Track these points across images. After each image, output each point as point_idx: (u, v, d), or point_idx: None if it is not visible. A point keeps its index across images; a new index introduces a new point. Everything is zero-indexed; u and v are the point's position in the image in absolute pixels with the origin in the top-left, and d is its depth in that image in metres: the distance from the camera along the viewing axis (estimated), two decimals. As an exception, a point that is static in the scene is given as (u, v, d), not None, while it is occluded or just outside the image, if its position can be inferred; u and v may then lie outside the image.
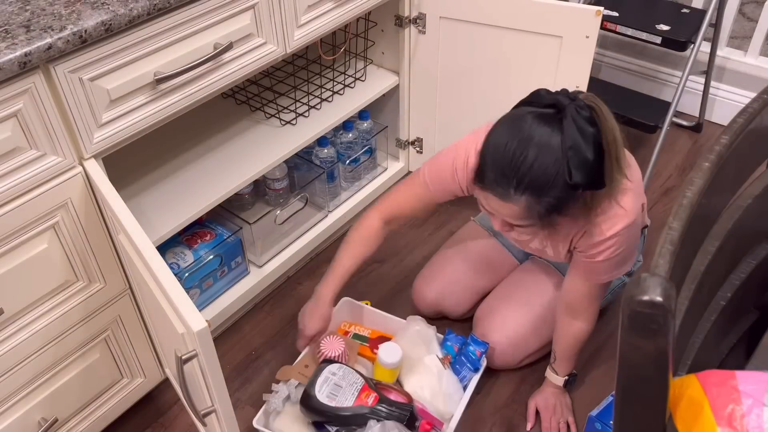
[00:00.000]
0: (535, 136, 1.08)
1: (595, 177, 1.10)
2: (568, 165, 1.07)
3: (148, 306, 1.26)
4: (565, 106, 1.08)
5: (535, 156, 1.08)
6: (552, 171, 1.08)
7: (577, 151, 1.07)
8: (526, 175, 1.09)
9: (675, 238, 0.63)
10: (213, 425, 1.13)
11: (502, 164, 1.10)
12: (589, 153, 1.07)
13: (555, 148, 1.08)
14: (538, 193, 1.10)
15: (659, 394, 0.62)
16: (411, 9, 1.71)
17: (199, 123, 1.67)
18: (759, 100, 0.77)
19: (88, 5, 1.06)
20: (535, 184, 1.09)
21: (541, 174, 1.09)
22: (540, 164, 1.08)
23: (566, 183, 1.08)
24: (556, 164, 1.08)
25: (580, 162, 1.07)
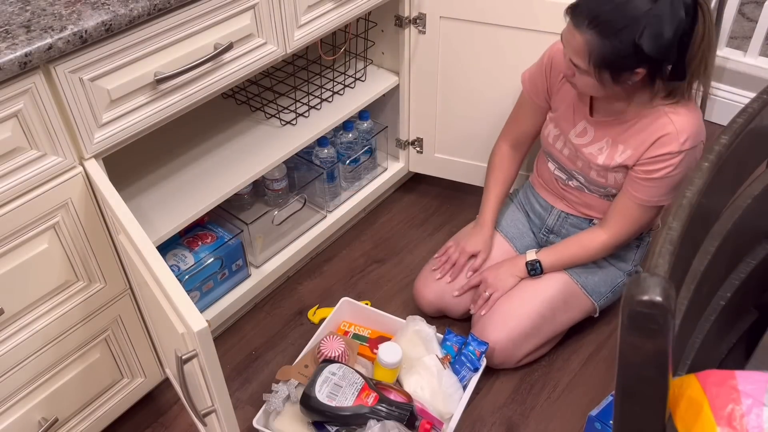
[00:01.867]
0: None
1: (664, 56, 1.18)
2: (643, 28, 1.16)
3: (149, 306, 1.26)
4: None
5: (616, 5, 1.17)
6: (628, 22, 1.17)
7: (658, 20, 1.15)
8: (605, 13, 1.18)
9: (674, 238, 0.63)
10: (213, 425, 1.13)
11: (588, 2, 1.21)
12: (669, 30, 1.16)
13: (640, 7, 1.16)
14: (606, 34, 1.19)
15: (659, 394, 0.62)
16: (411, 9, 1.71)
17: (199, 123, 1.67)
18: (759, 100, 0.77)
19: (88, 5, 1.06)
20: (606, 25, 1.19)
21: (617, 18, 1.18)
22: (622, 10, 1.17)
23: (633, 42, 1.17)
24: (632, 19, 1.16)
25: (656, 32, 1.16)
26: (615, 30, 1.18)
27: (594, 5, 1.20)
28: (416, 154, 1.99)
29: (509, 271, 1.57)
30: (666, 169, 1.34)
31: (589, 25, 1.20)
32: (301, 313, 1.76)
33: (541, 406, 1.55)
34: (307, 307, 1.76)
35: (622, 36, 1.18)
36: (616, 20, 1.18)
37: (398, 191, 2.13)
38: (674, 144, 1.31)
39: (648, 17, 1.16)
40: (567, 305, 1.55)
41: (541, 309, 1.54)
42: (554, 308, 1.55)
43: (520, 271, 1.56)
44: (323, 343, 1.49)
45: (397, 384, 1.49)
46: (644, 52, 1.17)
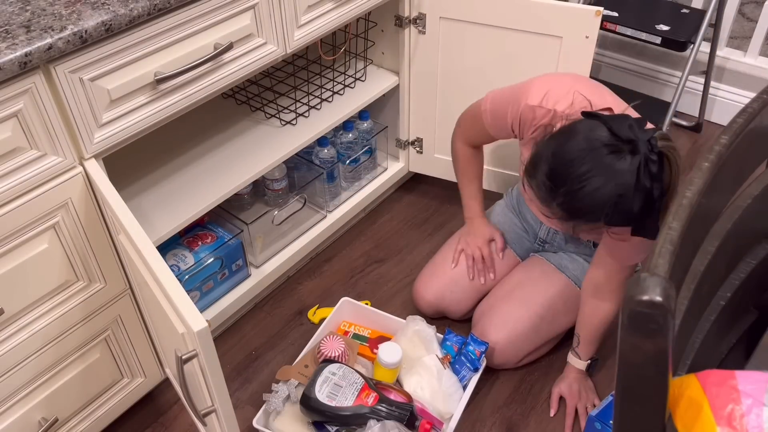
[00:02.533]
0: (595, 176, 1.08)
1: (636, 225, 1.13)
2: (610, 209, 1.09)
3: (149, 306, 1.26)
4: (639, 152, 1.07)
5: (590, 190, 1.09)
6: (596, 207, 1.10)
7: (625, 200, 1.08)
8: (571, 203, 1.11)
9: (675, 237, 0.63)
10: (213, 425, 1.13)
11: (558, 179, 1.11)
12: (636, 206, 1.09)
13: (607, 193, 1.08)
14: (575, 217, 1.14)
15: (659, 394, 0.62)
16: (411, 9, 1.72)
17: (199, 123, 1.67)
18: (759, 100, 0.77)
19: (88, 5, 1.06)
20: (577, 212, 1.12)
21: (584, 208, 1.11)
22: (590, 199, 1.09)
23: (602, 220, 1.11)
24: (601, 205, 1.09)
25: (624, 210, 1.09)
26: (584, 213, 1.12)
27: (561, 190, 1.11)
28: (416, 154, 1.99)
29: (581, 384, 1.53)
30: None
31: (559, 204, 1.13)
32: (301, 313, 1.76)
33: (541, 406, 1.55)
34: (307, 307, 1.76)
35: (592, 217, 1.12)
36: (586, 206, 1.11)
37: (398, 191, 2.13)
38: None
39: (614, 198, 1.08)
40: (566, 306, 1.55)
41: (541, 310, 1.54)
42: (554, 310, 1.55)
43: (584, 375, 1.54)
44: (323, 343, 1.49)
45: (397, 384, 1.49)
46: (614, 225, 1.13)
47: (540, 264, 1.61)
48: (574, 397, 1.51)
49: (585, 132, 1.12)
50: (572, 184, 1.10)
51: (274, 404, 1.41)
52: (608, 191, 1.08)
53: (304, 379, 1.45)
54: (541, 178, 1.14)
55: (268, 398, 1.43)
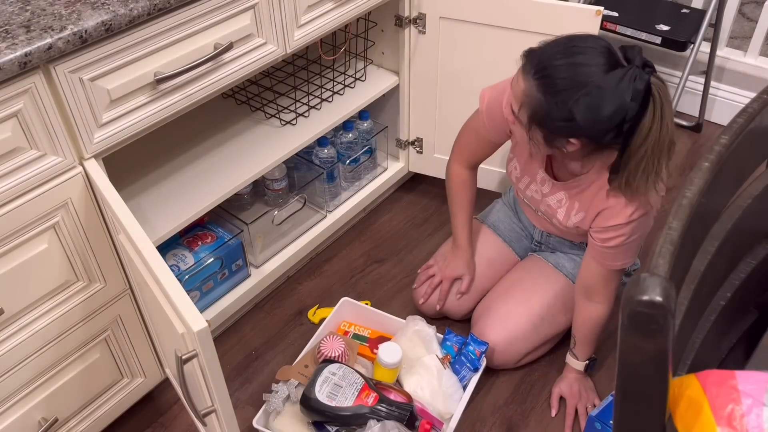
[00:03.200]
0: (588, 55, 1.11)
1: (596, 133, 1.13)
2: (581, 94, 1.10)
3: (148, 306, 1.26)
4: (631, 67, 1.09)
5: (570, 63, 1.12)
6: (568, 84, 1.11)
7: (599, 92, 1.09)
8: (550, 68, 1.13)
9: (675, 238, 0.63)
10: (213, 425, 1.13)
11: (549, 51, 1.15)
12: (607, 108, 1.09)
13: (590, 75, 1.10)
14: (544, 89, 1.14)
15: (659, 394, 0.62)
16: (411, 9, 1.71)
17: (199, 123, 1.67)
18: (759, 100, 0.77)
19: (88, 5, 1.06)
20: (549, 80, 1.13)
21: (560, 77, 1.12)
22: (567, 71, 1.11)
23: (567, 106, 1.11)
24: (576, 85, 1.11)
25: (593, 104, 1.10)
26: (556, 89, 1.12)
27: (547, 57, 1.14)
28: (416, 154, 1.99)
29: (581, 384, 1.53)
30: (619, 238, 1.30)
31: (535, 75, 1.14)
32: (301, 313, 1.76)
33: (541, 406, 1.55)
34: (307, 307, 1.76)
35: (560, 97, 1.12)
36: (562, 79, 1.12)
37: (398, 191, 2.13)
38: (620, 216, 1.27)
39: (591, 86, 1.09)
40: (565, 306, 1.55)
41: (540, 310, 1.54)
42: (553, 309, 1.55)
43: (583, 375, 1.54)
44: (323, 343, 1.49)
45: (397, 384, 1.49)
46: (575, 120, 1.11)
47: (538, 263, 1.62)
48: (575, 397, 1.52)
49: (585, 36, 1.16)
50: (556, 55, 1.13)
51: (274, 404, 1.41)
52: (588, 74, 1.10)
53: (304, 379, 1.45)
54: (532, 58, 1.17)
55: (268, 398, 1.43)
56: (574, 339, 1.50)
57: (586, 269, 1.42)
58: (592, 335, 1.48)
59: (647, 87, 1.09)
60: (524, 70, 1.18)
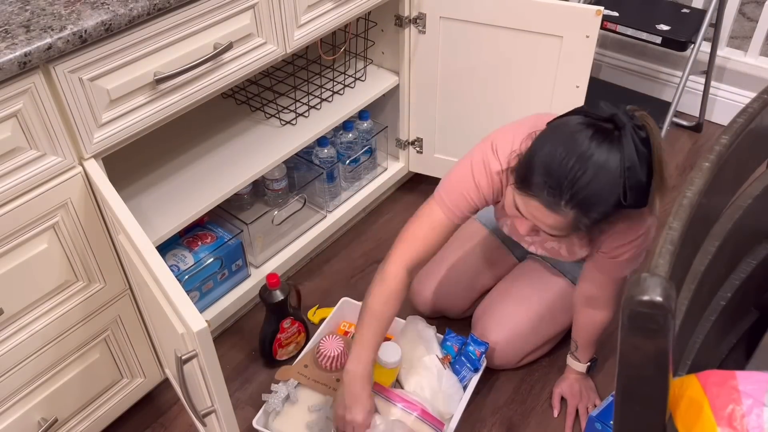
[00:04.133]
0: (594, 154, 1.05)
1: (645, 197, 1.10)
2: (624, 186, 1.06)
3: (148, 306, 1.26)
4: (624, 125, 1.06)
5: (593, 175, 1.05)
6: (607, 191, 1.07)
7: (633, 172, 1.05)
8: (581, 192, 1.06)
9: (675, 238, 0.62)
10: (213, 425, 1.13)
11: (558, 176, 1.07)
12: (643, 174, 1.07)
13: (613, 168, 1.05)
14: (588, 209, 1.09)
15: (659, 394, 0.62)
16: (411, 9, 1.71)
17: (199, 123, 1.67)
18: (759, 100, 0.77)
19: (88, 5, 1.06)
20: (589, 202, 1.08)
21: (597, 193, 1.07)
22: (597, 183, 1.06)
23: (618, 203, 1.08)
24: (611, 184, 1.06)
25: (636, 183, 1.06)
26: (599, 203, 1.08)
27: (565, 185, 1.06)
28: (416, 154, 1.99)
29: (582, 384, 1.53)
30: (631, 251, 1.28)
31: (568, 205, 1.08)
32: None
33: (541, 406, 1.55)
34: (307, 307, 1.76)
35: (608, 202, 1.08)
36: (595, 195, 1.07)
37: (398, 191, 2.13)
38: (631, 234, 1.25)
39: (623, 174, 1.05)
40: (565, 306, 1.55)
41: (540, 310, 1.54)
42: (553, 309, 1.55)
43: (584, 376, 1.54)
44: (323, 343, 1.49)
45: (397, 384, 1.49)
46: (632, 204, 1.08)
47: (538, 264, 1.61)
48: (575, 397, 1.51)
49: (561, 127, 1.11)
50: (574, 176, 1.06)
51: (273, 404, 1.41)
52: (614, 164, 1.05)
53: (304, 380, 1.44)
54: (540, 183, 1.09)
55: (268, 398, 1.43)
56: (575, 343, 1.50)
57: (588, 281, 1.40)
58: (594, 338, 1.48)
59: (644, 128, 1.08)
60: (548, 206, 1.10)
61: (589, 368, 1.52)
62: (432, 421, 1.40)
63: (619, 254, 1.30)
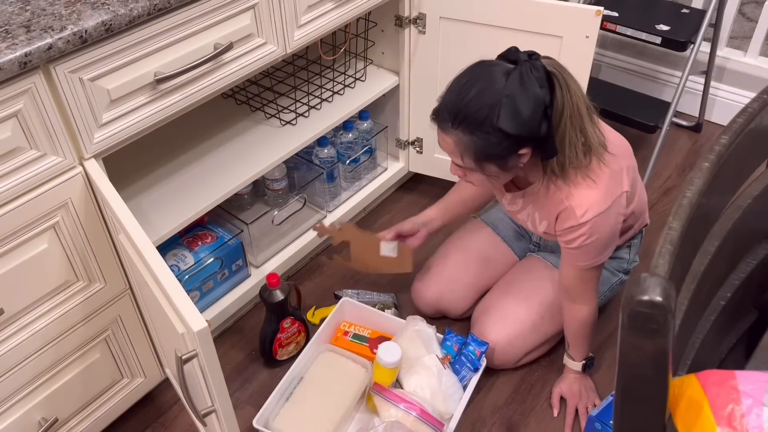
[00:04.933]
0: (481, 80, 1.16)
1: (532, 132, 1.15)
2: (498, 109, 1.13)
3: (148, 306, 1.26)
4: (519, 61, 1.15)
5: (474, 93, 1.15)
6: (484, 110, 1.15)
7: (511, 99, 1.13)
8: (462, 110, 1.16)
9: (675, 238, 0.63)
10: (213, 425, 1.13)
11: (448, 99, 1.20)
12: (525, 107, 1.13)
13: (496, 92, 1.14)
14: (470, 129, 1.17)
15: (659, 394, 0.62)
16: (411, 9, 1.71)
17: (199, 123, 1.67)
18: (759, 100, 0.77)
19: (88, 5, 1.06)
20: (468, 120, 1.16)
21: (474, 110, 1.15)
22: (476, 101, 1.15)
23: (496, 127, 1.14)
24: (490, 106, 1.14)
25: (513, 111, 1.13)
26: (477, 122, 1.15)
27: (451, 105, 1.18)
28: (416, 154, 1.99)
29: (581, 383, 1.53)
30: (579, 239, 1.30)
31: (453, 125, 1.18)
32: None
33: (541, 406, 1.55)
34: (307, 307, 1.76)
35: (485, 126, 1.15)
36: (475, 112, 1.15)
37: (398, 191, 2.13)
38: (572, 218, 1.27)
39: (502, 99, 1.13)
40: (566, 305, 1.56)
41: (540, 309, 1.54)
42: (553, 309, 1.55)
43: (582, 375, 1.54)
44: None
45: (397, 384, 1.49)
46: (509, 133, 1.14)
47: (538, 263, 1.61)
48: (575, 396, 1.52)
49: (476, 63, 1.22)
50: (459, 96, 1.17)
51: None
52: (493, 91, 1.14)
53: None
54: (438, 110, 1.21)
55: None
56: (567, 341, 1.51)
57: (562, 272, 1.42)
58: (580, 335, 1.47)
59: (545, 70, 1.14)
60: (441, 127, 1.22)
61: (585, 367, 1.52)
62: (431, 421, 1.40)
63: (569, 240, 1.31)
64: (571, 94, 1.16)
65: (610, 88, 2.34)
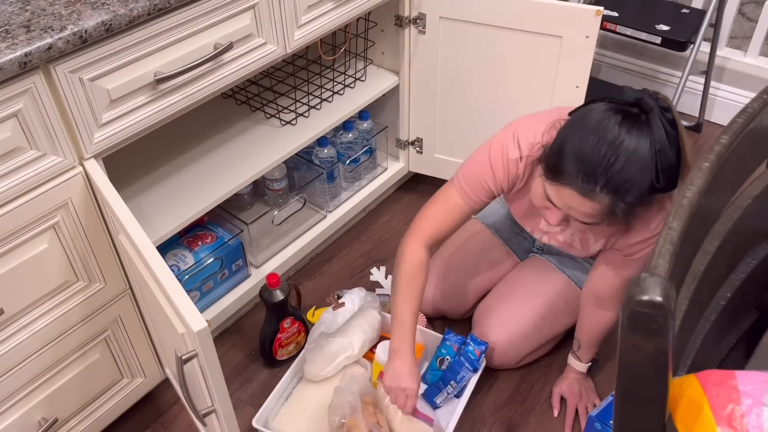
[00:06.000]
0: (625, 139, 1.07)
1: (675, 178, 1.11)
2: (657, 169, 1.07)
3: (148, 306, 1.26)
4: (651, 108, 1.08)
5: (626, 160, 1.07)
6: (641, 174, 1.08)
7: (664, 154, 1.07)
8: (616, 177, 1.07)
9: (675, 238, 0.63)
10: (213, 425, 1.13)
11: (592, 163, 1.08)
12: (673, 156, 1.08)
13: (645, 152, 1.07)
14: (624, 194, 1.09)
15: (659, 394, 0.62)
16: (411, 9, 1.71)
17: (199, 123, 1.67)
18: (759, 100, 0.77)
19: (88, 5, 1.06)
20: (624, 187, 1.08)
21: (631, 177, 1.08)
22: (631, 168, 1.07)
23: (652, 186, 1.09)
24: (644, 167, 1.07)
25: (667, 166, 1.08)
26: (633, 187, 1.08)
27: (599, 172, 1.08)
28: (416, 154, 1.99)
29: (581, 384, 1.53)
30: (645, 250, 1.28)
31: (602, 191, 1.09)
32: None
33: (541, 406, 1.55)
34: (307, 307, 1.76)
35: (641, 185, 1.08)
36: (629, 179, 1.08)
37: (398, 191, 2.13)
38: (647, 232, 1.26)
39: (654, 157, 1.07)
40: (567, 306, 1.55)
41: (542, 310, 1.54)
42: (554, 309, 1.55)
43: (584, 376, 1.54)
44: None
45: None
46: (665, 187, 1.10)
47: (540, 264, 1.61)
48: (575, 396, 1.52)
49: (589, 114, 1.12)
50: (607, 163, 1.07)
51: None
52: (645, 148, 1.07)
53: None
54: (573, 172, 1.10)
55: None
56: (578, 342, 1.50)
57: (600, 279, 1.40)
58: (598, 339, 1.48)
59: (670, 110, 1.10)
60: (583, 193, 1.10)
61: (589, 369, 1.52)
62: (422, 417, 1.40)
63: (634, 252, 1.30)
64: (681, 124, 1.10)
65: (610, 88, 2.34)
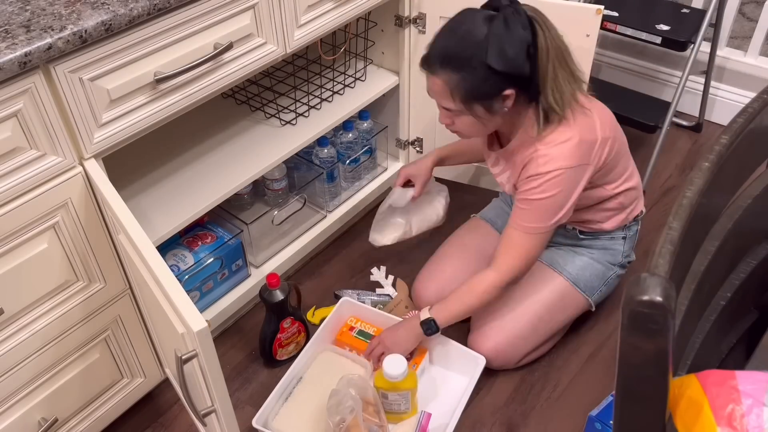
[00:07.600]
0: (467, 23, 1.24)
1: (517, 69, 1.23)
2: (486, 48, 1.21)
3: (148, 306, 1.26)
4: (501, 6, 1.23)
5: (462, 34, 1.24)
6: (472, 49, 1.23)
7: (498, 39, 1.21)
8: (448, 51, 1.25)
9: (675, 238, 0.63)
10: (213, 425, 1.13)
11: (436, 45, 1.28)
12: (511, 46, 1.21)
13: (479, 34, 1.22)
14: (458, 67, 1.24)
15: (659, 394, 0.62)
16: (411, 9, 1.71)
17: (199, 123, 1.67)
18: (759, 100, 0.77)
19: (88, 5, 1.06)
20: (456, 58, 1.24)
21: (462, 49, 1.24)
22: (463, 41, 1.23)
23: (484, 64, 1.22)
24: (478, 44, 1.22)
25: (499, 49, 1.21)
26: (464, 59, 1.24)
27: (439, 47, 1.27)
28: (416, 154, 1.99)
29: (407, 335, 1.48)
30: (532, 191, 1.32)
31: (441, 65, 1.26)
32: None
33: (541, 406, 1.55)
34: (307, 307, 1.76)
35: (472, 62, 1.23)
36: (462, 51, 1.24)
37: (398, 191, 2.13)
38: (533, 166, 1.31)
39: (488, 38, 1.21)
40: (563, 303, 1.56)
41: (538, 309, 1.54)
42: (550, 308, 1.55)
43: (419, 332, 1.47)
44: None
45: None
46: (497, 70, 1.22)
47: (537, 264, 1.61)
48: (388, 340, 1.48)
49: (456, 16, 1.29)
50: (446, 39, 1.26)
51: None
52: (481, 32, 1.22)
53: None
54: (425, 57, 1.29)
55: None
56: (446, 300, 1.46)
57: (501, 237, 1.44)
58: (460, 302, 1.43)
59: (526, 15, 1.22)
60: (430, 70, 1.29)
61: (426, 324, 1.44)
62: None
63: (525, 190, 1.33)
64: (552, 35, 1.24)
65: (610, 88, 2.34)
